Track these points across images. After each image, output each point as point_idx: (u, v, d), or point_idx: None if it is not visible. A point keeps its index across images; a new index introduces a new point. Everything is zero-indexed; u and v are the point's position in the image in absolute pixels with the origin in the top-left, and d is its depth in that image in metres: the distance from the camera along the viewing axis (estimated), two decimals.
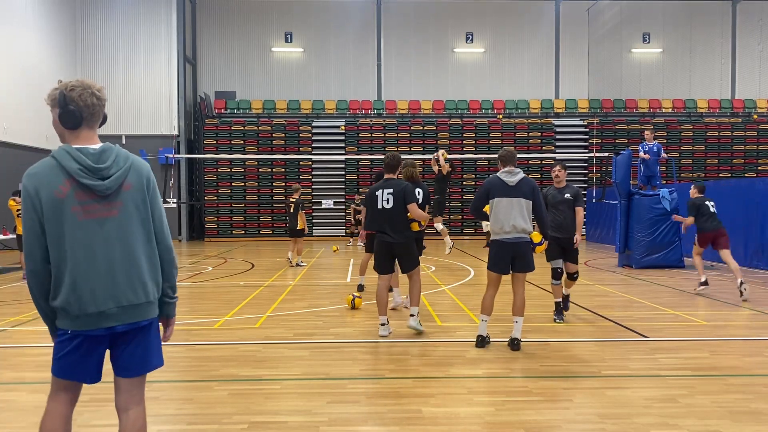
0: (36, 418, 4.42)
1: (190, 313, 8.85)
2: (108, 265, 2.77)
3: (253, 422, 4.30)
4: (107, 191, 2.76)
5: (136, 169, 2.87)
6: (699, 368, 5.63)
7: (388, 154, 7.27)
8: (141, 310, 2.86)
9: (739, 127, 26.54)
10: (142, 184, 2.88)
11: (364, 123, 26.18)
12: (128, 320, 2.83)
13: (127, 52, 25.27)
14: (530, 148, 25.79)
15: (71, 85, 2.81)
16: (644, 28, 28.29)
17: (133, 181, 2.84)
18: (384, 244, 7.03)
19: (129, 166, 2.84)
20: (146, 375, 3.03)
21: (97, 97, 2.84)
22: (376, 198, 7.01)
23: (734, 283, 9.74)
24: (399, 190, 6.92)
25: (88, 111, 2.81)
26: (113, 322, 2.79)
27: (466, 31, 27.91)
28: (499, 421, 4.32)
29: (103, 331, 2.79)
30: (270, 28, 27.60)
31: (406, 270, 7.12)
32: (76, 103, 2.79)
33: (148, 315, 2.90)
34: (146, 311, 2.89)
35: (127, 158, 2.86)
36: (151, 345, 2.98)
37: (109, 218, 2.78)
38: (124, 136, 24.97)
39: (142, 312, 2.87)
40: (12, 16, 20.26)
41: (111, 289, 2.77)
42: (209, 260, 16.87)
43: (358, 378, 5.39)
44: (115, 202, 2.79)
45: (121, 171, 2.80)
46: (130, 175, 2.84)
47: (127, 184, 2.82)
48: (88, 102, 2.80)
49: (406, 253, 7.04)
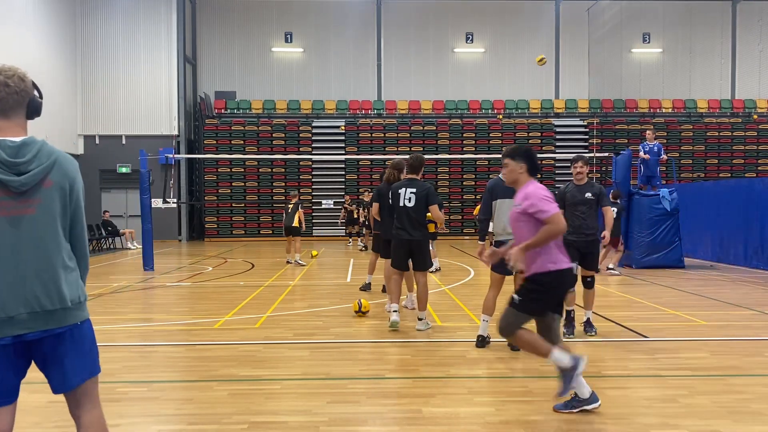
0: (37, 417, 4.43)
1: (190, 313, 8.86)
2: (19, 266, 2.55)
3: (253, 422, 4.30)
4: (22, 188, 2.53)
5: (61, 166, 2.64)
6: (699, 368, 5.63)
7: (412, 155, 7.53)
8: (55, 317, 2.61)
9: (739, 127, 26.54)
10: (66, 183, 2.65)
11: (364, 123, 26.18)
12: (39, 327, 2.57)
13: (127, 52, 25.26)
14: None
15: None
16: (644, 28, 28.29)
17: (56, 179, 2.62)
18: (402, 241, 7.29)
19: (52, 162, 2.61)
20: (90, 381, 2.79)
21: (6, 85, 2.57)
22: (398, 196, 7.24)
23: (734, 284, 9.74)
24: (422, 190, 7.20)
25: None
26: (22, 329, 2.54)
27: (466, 31, 27.91)
28: (499, 421, 4.32)
29: (10, 339, 2.53)
30: (270, 28, 27.60)
31: (418, 268, 7.33)
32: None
33: (63, 322, 2.64)
34: (61, 318, 2.63)
35: (51, 154, 2.62)
36: (72, 356, 2.69)
37: (25, 216, 2.56)
38: (124, 136, 24.99)
39: (57, 319, 2.62)
40: (12, 16, 20.26)
41: (22, 292, 2.54)
42: (209, 260, 16.87)
43: (358, 378, 5.39)
44: (32, 199, 2.57)
45: (42, 167, 2.58)
46: (53, 172, 2.61)
47: (48, 181, 2.60)
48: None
49: (420, 251, 7.27)
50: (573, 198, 7.02)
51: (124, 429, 4.21)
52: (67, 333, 2.66)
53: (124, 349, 6.58)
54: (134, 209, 23.32)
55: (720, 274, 12.86)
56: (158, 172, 23.62)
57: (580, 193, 6.99)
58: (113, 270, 14.91)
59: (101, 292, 10.73)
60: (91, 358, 2.78)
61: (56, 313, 2.62)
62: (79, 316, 2.71)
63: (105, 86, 25.18)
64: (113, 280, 12.43)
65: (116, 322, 8.05)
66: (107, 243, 21.59)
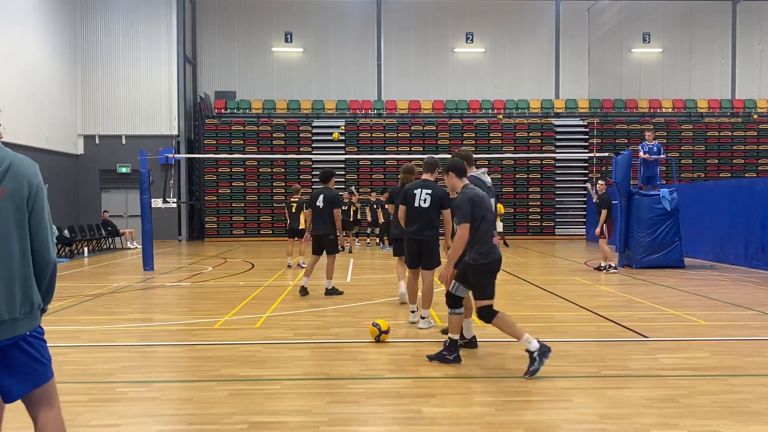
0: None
1: (190, 313, 8.86)
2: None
3: (253, 422, 4.30)
4: None
5: (15, 172, 2.54)
6: (699, 368, 5.62)
7: (427, 157, 7.70)
8: (3, 327, 2.52)
9: (739, 127, 26.54)
10: (22, 188, 2.54)
11: (364, 123, 26.18)
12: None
13: (127, 52, 25.26)
14: (530, 148, 25.79)
15: None
16: (644, 28, 28.28)
17: (10, 186, 2.52)
18: (414, 241, 7.44)
19: (5, 169, 2.51)
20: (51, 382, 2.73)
21: None
22: (413, 196, 7.34)
23: (734, 284, 9.73)
24: (437, 192, 7.35)
25: None
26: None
27: (466, 31, 27.91)
28: (499, 421, 4.31)
29: None
30: (270, 28, 27.60)
31: (427, 266, 7.45)
32: None
33: (12, 333, 2.54)
34: (9, 329, 2.53)
35: (4, 160, 2.53)
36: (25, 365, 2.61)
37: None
38: (124, 136, 25.00)
39: (5, 330, 2.52)
40: (12, 16, 20.25)
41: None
42: (209, 260, 16.87)
43: (358, 378, 5.39)
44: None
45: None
46: (5, 180, 2.51)
47: (1, 189, 2.50)
48: None
49: (429, 250, 7.42)
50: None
51: (124, 429, 4.21)
52: (19, 342, 2.58)
53: (124, 349, 6.58)
54: (134, 209, 23.31)
55: (720, 274, 12.86)
56: (158, 172, 23.63)
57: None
58: (113, 270, 14.91)
59: (101, 291, 10.73)
60: (38, 369, 2.68)
61: (5, 324, 2.53)
62: (27, 326, 2.61)
63: (105, 86, 25.18)
64: (113, 280, 12.43)
65: (116, 322, 8.05)
66: (107, 243, 21.58)
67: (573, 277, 12.54)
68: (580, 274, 12.86)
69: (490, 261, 5.46)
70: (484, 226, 5.46)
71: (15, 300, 2.55)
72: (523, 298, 9.85)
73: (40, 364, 2.68)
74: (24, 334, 2.60)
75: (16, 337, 2.58)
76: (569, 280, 12.10)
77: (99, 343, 6.86)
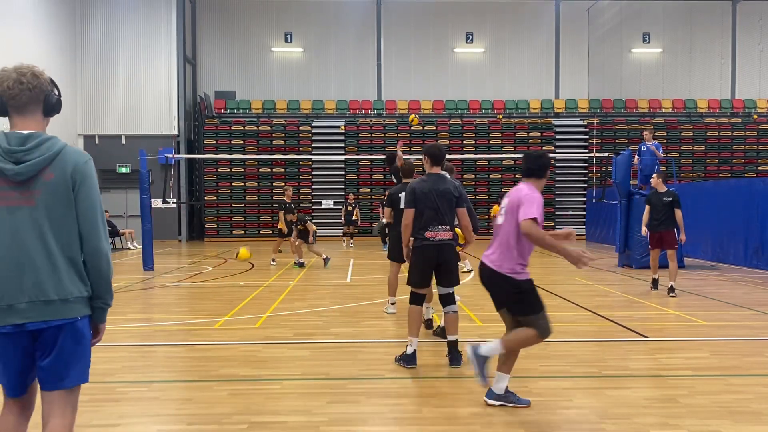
0: (36, 418, 4.42)
1: (190, 313, 8.86)
2: (18, 255, 2.58)
3: (253, 422, 4.30)
4: (17, 177, 2.56)
5: (64, 159, 2.64)
6: (699, 368, 5.63)
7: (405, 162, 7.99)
8: (53, 307, 2.61)
9: (739, 127, 26.54)
10: (69, 176, 2.63)
11: (364, 123, 26.18)
12: (38, 318, 2.58)
13: (127, 52, 25.26)
14: (530, 148, 25.75)
15: (1, 73, 2.65)
16: (644, 28, 28.28)
17: (57, 172, 2.61)
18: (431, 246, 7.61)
19: (53, 154, 2.62)
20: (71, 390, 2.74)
21: (19, 82, 2.62)
22: (398, 199, 7.56)
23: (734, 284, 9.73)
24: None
25: (8, 95, 2.62)
26: (21, 318, 2.57)
27: (466, 31, 27.91)
28: (499, 421, 4.31)
29: (12, 328, 2.58)
30: (270, 28, 27.60)
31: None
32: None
33: (62, 314, 2.63)
34: (60, 310, 2.62)
35: (53, 146, 2.63)
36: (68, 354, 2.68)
37: (24, 207, 2.58)
38: (124, 136, 24.98)
39: (55, 310, 2.61)
40: (12, 16, 20.25)
41: (20, 282, 2.58)
42: (209, 260, 16.87)
43: (358, 378, 5.39)
44: (32, 190, 2.59)
45: (41, 158, 2.59)
46: (53, 164, 2.61)
47: (48, 174, 2.60)
48: (5, 86, 2.61)
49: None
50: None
51: (124, 429, 4.21)
52: (67, 327, 2.65)
53: (124, 349, 6.57)
54: (134, 209, 23.29)
55: (720, 274, 12.86)
56: (158, 172, 23.63)
57: None
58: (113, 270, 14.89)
59: None
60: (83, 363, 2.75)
61: (53, 304, 2.61)
62: (78, 310, 2.69)
63: (105, 86, 25.17)
64: (113, 280, 12.40)
65: (116, 322, 8.04)
66: None
67: (573, 277, 12.55)
68: (580, 274, 12.86)
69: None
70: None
71: (63, 283, 2.63)
72: None
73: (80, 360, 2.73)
74: (73, 318, 2.66)
75: (70, 320, 2.65)
76: (569, 280, 12.11)
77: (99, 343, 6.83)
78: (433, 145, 6.04)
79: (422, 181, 5.78)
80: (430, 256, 5.67)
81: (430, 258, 5.68)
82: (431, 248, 5.65)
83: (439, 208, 5.62)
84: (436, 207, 5.62)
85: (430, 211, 5.62)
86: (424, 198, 5.64)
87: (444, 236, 5.64)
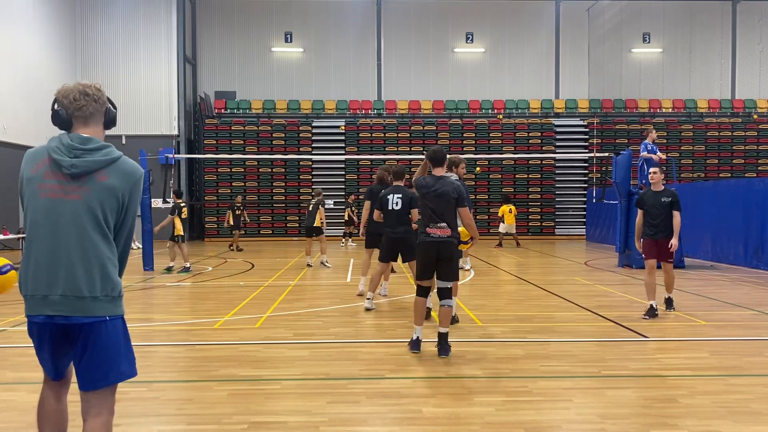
0: (35, 417, 4.42)
1: (190, 313, 8.85)
2: (57, 249, 2.64)
3: (253, 422, 4.30)
4: (72, 169, 2.65)
5: (121, 167, 2.75)
6: (699, 368, 5.62)
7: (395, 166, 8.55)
8: (84, 304, 2.65)
9: (739, 127, 26.54)
10: (123, 184, 2.73)
11: (364, 123, 26.18)
12: (69, 312, 2.63)
13: (127, 53, 25.26)
14: (530, 148, 25.78)
15: (63, 88, 2.80)
16: (644, 28, 28.28)
17: (112, 176, 2.71)
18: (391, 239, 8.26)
19: (112, 159, 2.72)
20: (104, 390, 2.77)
21: (85, 94, 2.77)
22: (387, 201, 8.08)
23: (734, 284, 9.72)
24: (407, 195, 8.11)
25: (74, 107, 2.76)
26: (53, 310, 2.63)
27: (466, 31, 27.91)
28: (499, 421, 4.31)
29: (44, 318, 2.65)
30: (270, 28, 27.60)
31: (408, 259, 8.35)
32: (60, 102, 2.78)
33: (92, 312, 2.67)
34: (90, 307, 2.66)
35: (112, 152, 2.74)
36: (99, 355, 2.71)
37: (69, 201, 2.66)
38: (124, 136, 24.95)
39: (86, 307, 2.66)
40: (12, 17, 20.26)
41: (55, 274, 2.63)
42: (209, 260, 16.87)
43: (358, 378, 5.39)
44: (81, 186, 2.67)
45: (98, 159, 2.68)
46: (110, 168, 2.71)
47: (103, 175, 2.69)
48: (71, 98, 2.76)
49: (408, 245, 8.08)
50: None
51: (124, 429, 4.21)
52: (97, 326, 2.69)
53: None
54: None
55: (720, 274, 12.85)
56: (158, 172, 23.62)
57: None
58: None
59: None
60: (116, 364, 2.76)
61: (85, 301, 2.66)
62: (109, 309, 2.73)
63: (105, 86, 23.72)
64: None
65: None
66: None
67: (573, 277, 12.54)
68: (580, 274, 12.86)
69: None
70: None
71: (95, 282, 2.67)
72: (524, 297, 9.84)
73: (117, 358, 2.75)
74: (101, 317, 2.70)
75: (99, 318, 2.69)
76: (569, 280, 12.10)
77: None
78: (434, 149, 6.38)
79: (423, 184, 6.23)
80: (431, 252, 6.09)
81: (431, 253, 6.09)
82: (432, 244, 6.09)
83: (437, 207, 6.06)
84: (434, 206, 6.08)
85: (430, 211, 6.11)
86: (423, 198, 6.19)
87: (443, 233, 6.04)
